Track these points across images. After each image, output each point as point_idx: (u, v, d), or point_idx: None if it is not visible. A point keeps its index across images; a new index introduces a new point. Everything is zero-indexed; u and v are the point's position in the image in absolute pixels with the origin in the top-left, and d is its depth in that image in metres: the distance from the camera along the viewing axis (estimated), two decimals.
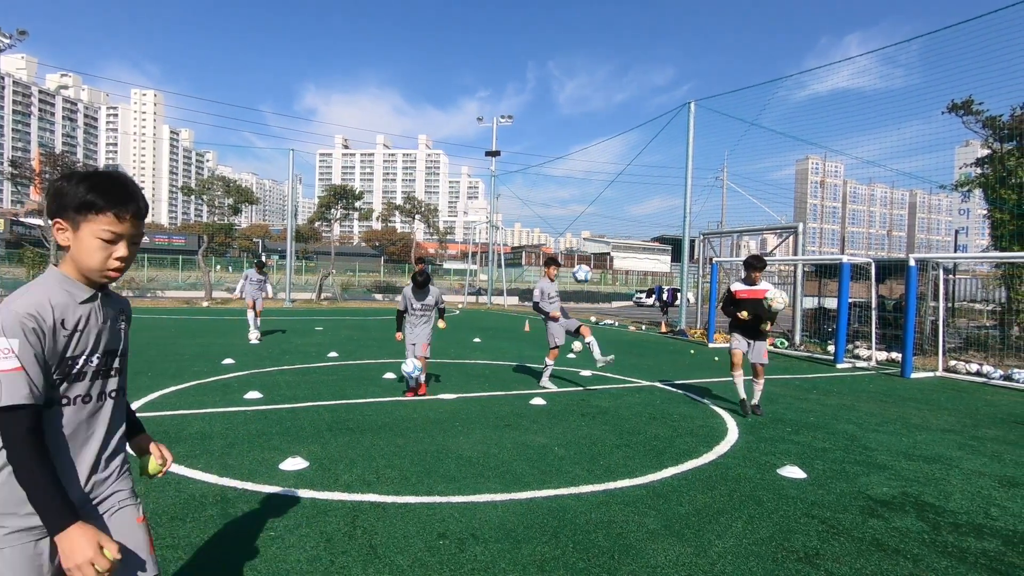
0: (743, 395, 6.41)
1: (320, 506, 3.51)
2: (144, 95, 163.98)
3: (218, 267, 45.98)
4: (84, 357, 1.44)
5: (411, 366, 6.55)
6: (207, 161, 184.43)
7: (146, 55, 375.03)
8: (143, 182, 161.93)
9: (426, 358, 6.88)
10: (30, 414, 1.29)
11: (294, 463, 4.19)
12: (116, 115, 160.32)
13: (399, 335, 7.00)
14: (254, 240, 78.26)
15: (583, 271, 8.09)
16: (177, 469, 4.06)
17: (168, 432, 4.99)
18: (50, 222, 1.45)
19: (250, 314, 12.14)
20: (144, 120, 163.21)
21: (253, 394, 6.51)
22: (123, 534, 1.49)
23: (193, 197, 30.92)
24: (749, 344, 6.35)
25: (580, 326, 7.69)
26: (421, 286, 6.80)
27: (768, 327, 6.38)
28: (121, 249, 1.44)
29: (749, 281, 6.36)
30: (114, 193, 1.42)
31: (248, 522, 3.24)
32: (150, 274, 36.43)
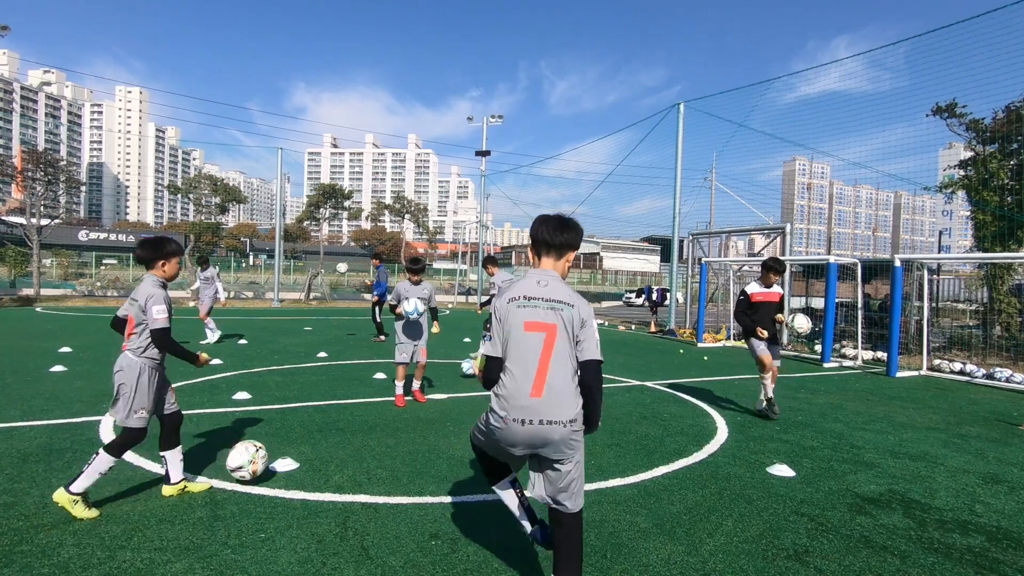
0: (771, 394, 6.26)
1: (311, 507, 3.49)
2: (129, 92, 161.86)
3: None
4: None
5: (467, 365, 7.07)
6: (194, 159, 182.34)
7: (131, 52, 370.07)
8: (128, 181, 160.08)
9: (424, 364, 6.54)
10: None
11: (284, 464, 4.16)
12: (100, 112, 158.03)
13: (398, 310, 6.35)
14: (241, 239, 77.52)
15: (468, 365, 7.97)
16: None
17: (156, 433, 4.92)
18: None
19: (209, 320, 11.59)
20: (129, 118, 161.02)
21: (241, 395, 6.45)
22: None
23: (179, 196, 30.57)
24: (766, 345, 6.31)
25: None
26: (417, 275, 6.37)
27: (779, 319, 6.39)
28: None
29: (766, 283, 6.27)
30: None
31: (238, 524, 3.21)
32: (135, 273, 35.96)
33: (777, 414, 6.24)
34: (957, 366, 10.49)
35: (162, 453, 3.61)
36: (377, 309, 13.00)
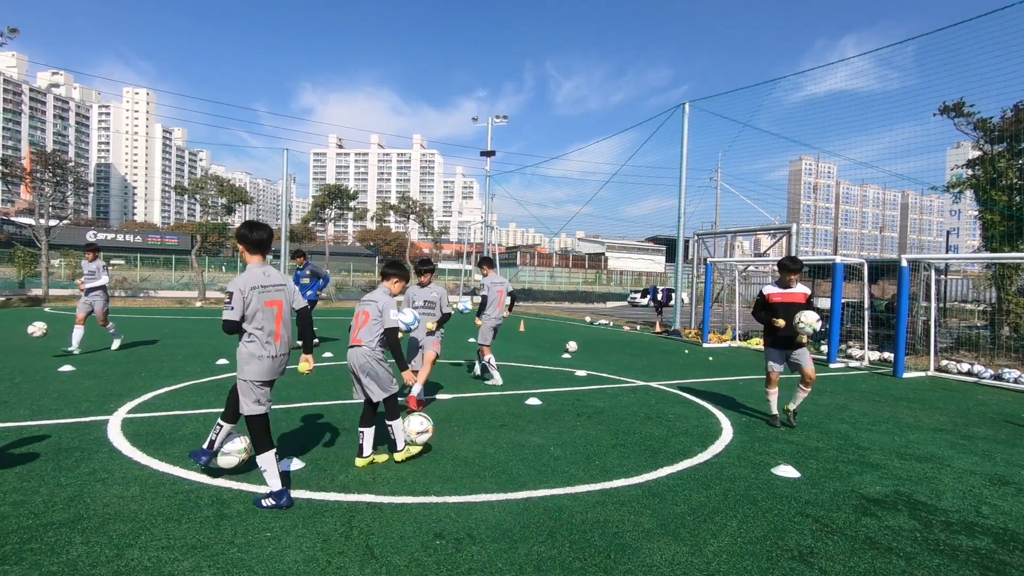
0: (775, 411, 6.13)
1: (316, 507, 3.51)
2: (136, 93, 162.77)
3: (211, 267, 45.73)
4: None
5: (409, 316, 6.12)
6: (200, 160, 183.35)
7: (139, 53, 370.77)
8: (135, 182, 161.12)
9: (437, 356, 6.32)
10: None
11: (290, 464, 4.18)
12: (108, 114, 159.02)
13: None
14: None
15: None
16: (172, 470, 4.04)
17: (163, 433, 4.97)
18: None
19: (78, 329, 9.19)
20: (136, 119, 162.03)
21: None
22: None
23: (186, 196, 30.75)
24: (786, 356, 5.99)
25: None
26: (426, 276, 6.30)
27: (804, 339, 5.89)
28: None
29: (784, 284, 5.95)
30: None
31: (244, 523, 3.24)
32: (143, 274, 36.18)
33: (779, 427, 6.00)
34: (965, 367, 10.42)
35: (361, 429, 4.33)
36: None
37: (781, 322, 5.75)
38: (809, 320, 5.58)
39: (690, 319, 17.94)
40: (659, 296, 18.85)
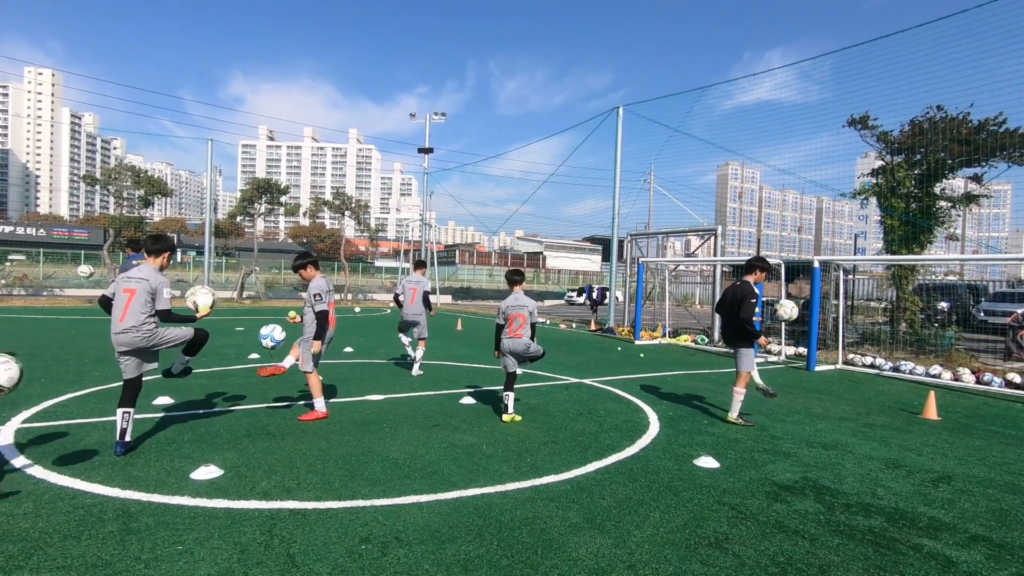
0: (761, 382, 6.36)
1: (235, 516, 3.35)
2: (40, 74, 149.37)
3: None
4: None
5: (269, 338, 5.60)
6: (115, 149, 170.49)
7: (49, 31, 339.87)
8: (38, 170, 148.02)
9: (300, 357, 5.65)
10: None
11: (207, 471, 3.96)
12: (6, 95, 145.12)
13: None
14: (168, 235, 73.09)
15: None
16: (72, 483, 3.74)
17: (64, 443, 4.59)
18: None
19: None
20: (40, 102, 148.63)
21: (163, 399, 6.11)
22: None
23: (98, 187, 28.48)
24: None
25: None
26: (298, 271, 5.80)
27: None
28: None
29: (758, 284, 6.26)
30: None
31: (153, 537, 3.04)
32: (46, 271, 33.25)
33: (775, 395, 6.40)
34: (868, 360, 11.30)
35: (507, 392, 6.00)
36: None
37: (766, 341, 6.15)
38: (787, 311, 6.70)
39: (623, 317, 18.46)
40: (594, 295, 19.29)
